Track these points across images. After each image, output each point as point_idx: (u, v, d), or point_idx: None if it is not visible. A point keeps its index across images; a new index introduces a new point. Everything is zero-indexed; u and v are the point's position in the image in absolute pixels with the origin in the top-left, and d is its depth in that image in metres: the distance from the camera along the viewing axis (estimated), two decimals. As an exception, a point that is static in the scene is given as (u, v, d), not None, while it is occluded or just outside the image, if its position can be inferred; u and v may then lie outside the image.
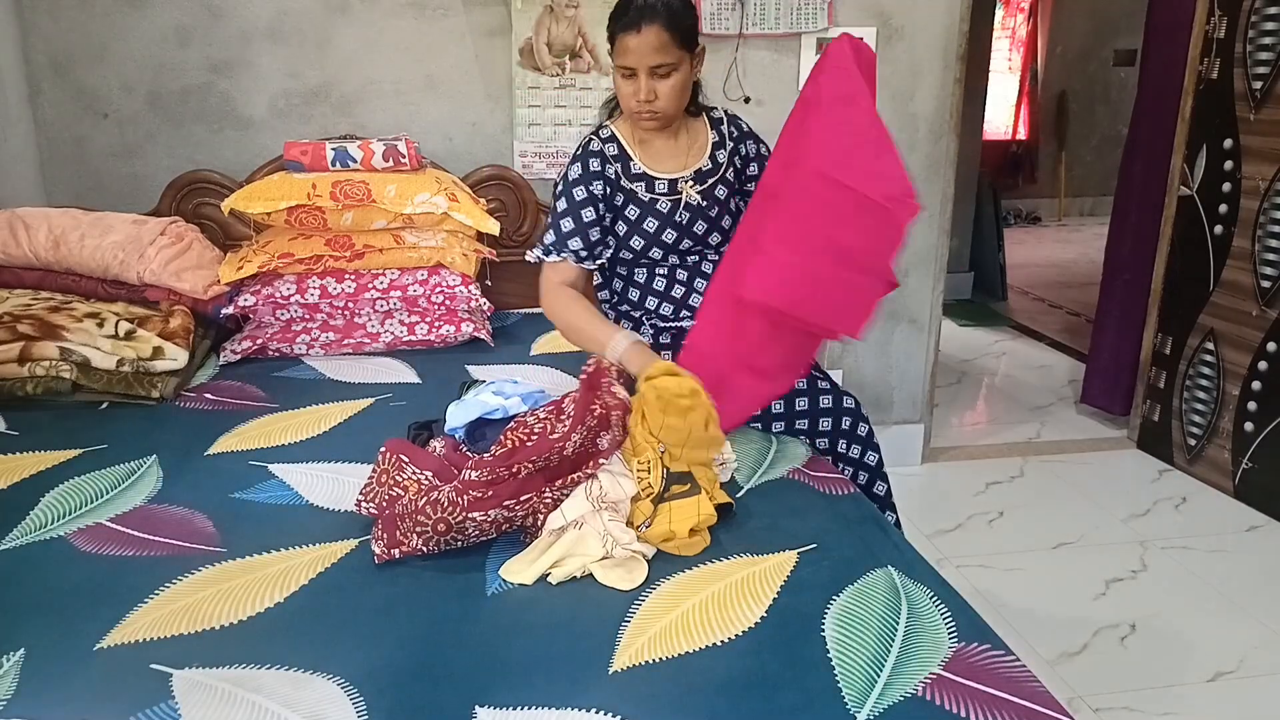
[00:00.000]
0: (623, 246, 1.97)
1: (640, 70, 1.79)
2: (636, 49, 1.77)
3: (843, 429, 1.92)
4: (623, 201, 1.94)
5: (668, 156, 1.96)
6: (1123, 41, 6.57)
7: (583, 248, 1.91)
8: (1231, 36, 2.89)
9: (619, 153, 1.95)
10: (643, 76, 1.80)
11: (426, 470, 1.48)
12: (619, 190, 1.94)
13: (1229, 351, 3.00)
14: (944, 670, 1.14)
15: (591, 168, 1.92)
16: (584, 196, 1.91)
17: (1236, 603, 2.46)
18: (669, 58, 1.78)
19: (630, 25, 1.76)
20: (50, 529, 1.47)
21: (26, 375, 1.91)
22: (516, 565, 1.35)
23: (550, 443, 1.41)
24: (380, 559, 1.37)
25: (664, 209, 1.94)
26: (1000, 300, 5.14)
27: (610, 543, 1.35)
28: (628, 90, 1.83)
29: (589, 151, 1.94)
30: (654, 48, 1.76)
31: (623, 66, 1.81)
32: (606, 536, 1.36)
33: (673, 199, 1.94)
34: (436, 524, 1.35)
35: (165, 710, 1.07)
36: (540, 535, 1.39)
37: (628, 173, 1.94)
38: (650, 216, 1.94)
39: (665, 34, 1.76)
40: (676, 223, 1.94)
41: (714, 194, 1.96)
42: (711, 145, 1.98)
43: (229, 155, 2.65)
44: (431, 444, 1.61)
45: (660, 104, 1.83)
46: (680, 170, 1.95)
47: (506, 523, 1.40)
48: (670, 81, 1.81)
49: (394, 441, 1.55)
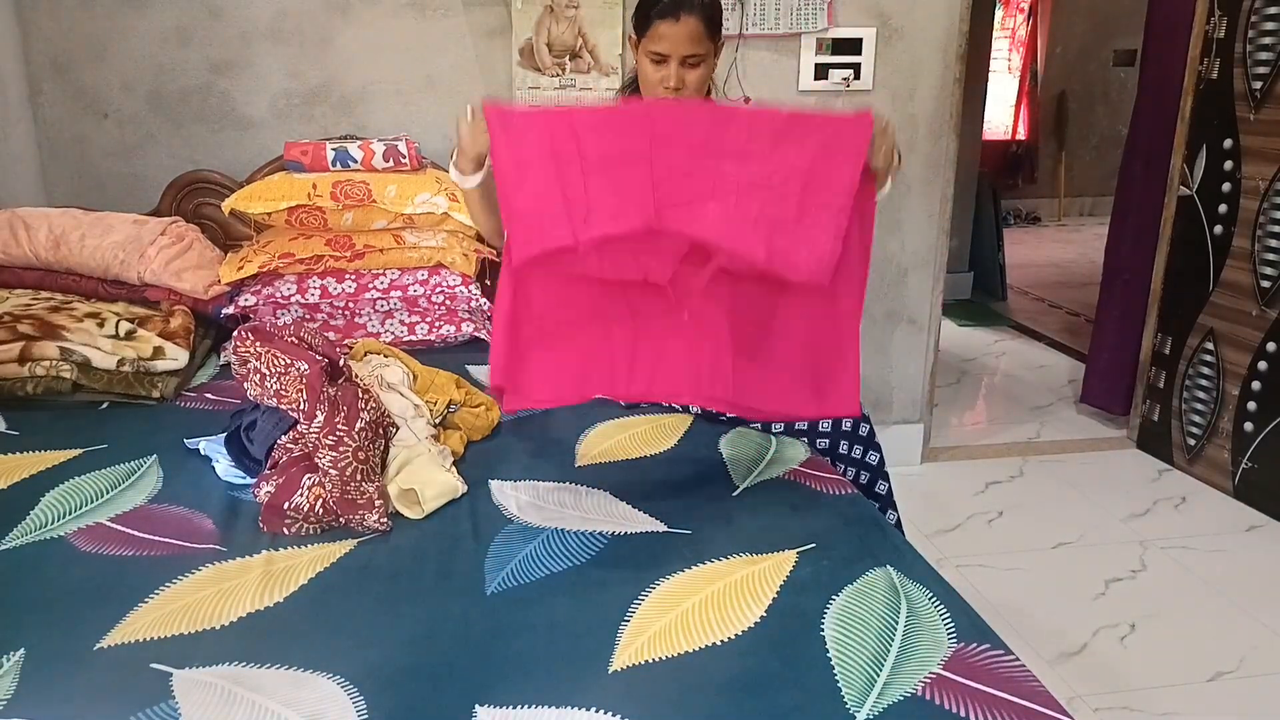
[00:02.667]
0: None
1: (673, 58, 1.80)
2: (673, 37, 1.78)
3: (843, 429, 1.92)
4: None
5: None
6: (1123, 41, 6.57)
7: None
8: (1231, 36, 2.89)
9: None
10: (674, 64, 1.81)
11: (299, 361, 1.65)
12: None
13: (1229, 351, 3.00)
14: (944, 670, 1.14)
15: None
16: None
17: (1236, 603, 2.46)
18: (701, 48, 1.81)
19: (669, 13, 1.77)
20: (50, 529, 1.47)
21: (27, 375, 1.91)
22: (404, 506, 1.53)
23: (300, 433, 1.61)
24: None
25: None
26: (1000, 300, 5.14)
27: (423, 434, 1.66)
28: (656, 77, 1.84)
29: None
30: (690, 37, 1.78)
31: (655, 53, 1.81)
32: (416, 438, 1.66)
33: None
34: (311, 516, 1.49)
35: (165, 710, 1.07)
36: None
37: None
38: None
39: (701, 25, 1.78)
40: None
41: None
42: None
43: (229, 155, 2.65)
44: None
45: (687, 92, 1.85)
46: None
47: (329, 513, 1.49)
48: (699, 71, 1.83)
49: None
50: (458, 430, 1.78)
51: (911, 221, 3.07)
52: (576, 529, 1.48)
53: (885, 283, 3.12)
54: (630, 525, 1.50)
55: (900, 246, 3.10)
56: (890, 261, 3.11)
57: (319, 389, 1.59)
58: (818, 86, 2.87)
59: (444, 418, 1.82)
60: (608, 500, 1.59)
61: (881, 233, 3.07)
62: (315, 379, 1.61)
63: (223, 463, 1.65)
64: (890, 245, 3.09)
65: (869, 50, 2.86)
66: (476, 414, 1.84)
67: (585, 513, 1.54)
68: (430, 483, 1.54)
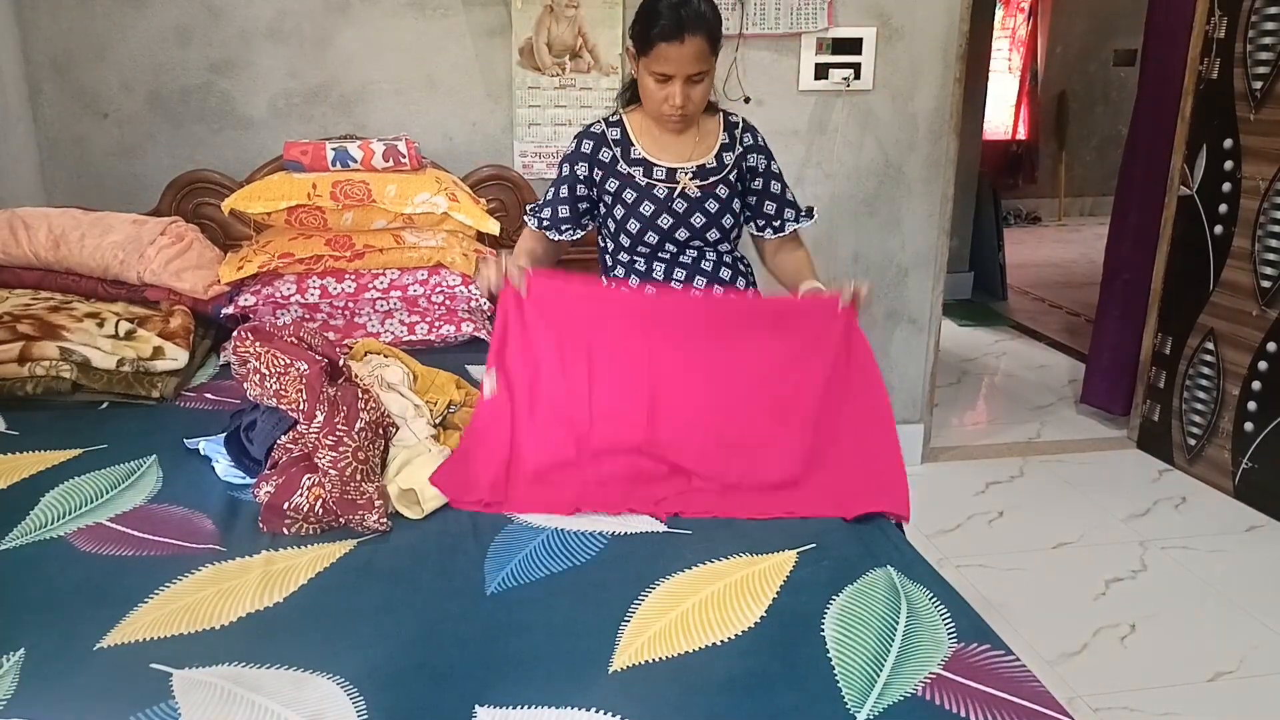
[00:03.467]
0: (620, 230, 1.98)
1: (678, 77, 1.82)
2: (677, 58, 1.79)
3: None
4: (618, 186, 1.96)
5: (672, 147, 1.97)
6: (1123, 41, 6.57)
7: (549, 218, 2.00)
8: (1231, 36, 2.89)
9: (620, 137, 1.97)
10: (679, 83, 1.82)
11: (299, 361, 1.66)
12: (613, 175, 1.96)
13: (1229, 351, 3.00)
14: (944, 670, 1.14)
15: (583, 149, 1.98)
16: (567, 174, 1.99)
17: (1236, 603, 2.46)
18: (705, 65, 1.83)
19: (672, 35, 1.77)
20: (50, 529, 1.47)
21: (26, 375, 1.91)
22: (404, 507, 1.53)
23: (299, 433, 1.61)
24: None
25: (660, 195, 1.95)
26: (1000, 300, 5.14)
27: (423, 434, 1.68)
28: (660, 95, 1.85)
29: (587, 133, 1.99)
30: (694, 57, 1.80)
31: (659, 73, 1.83)
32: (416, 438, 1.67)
33: (670, 186, 1.95)
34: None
35: (165, 710, 1.07)
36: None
37: (627, 157, 1.96)
38: (647, 200, 1.95)
39: (706, 43, 1.80)
40: (674, 210, 1.95)
41: (715, 192, 1.96)
42: (720, 145, 1.98)
43: (229, 155, 2.65)
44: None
45: (691, 108, 1.87)
46: (683, 161, 1.96)
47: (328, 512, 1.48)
48: (702, 87, 1.86)
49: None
50: (458, 430, 1.78)
51: (911, 221, 3.07)
52: (576, 529, 1.48)
53: (885, 283, 3.12)
54: (630, 525, 1.50)
55: (900, 246, 3.10)
56: (890, 261, 3.11)
57: (319, 389, 1.60)
58: (818, 86, 2.87)
59: (444, 418, 1.82)
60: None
61: (882, 233, 3.07)
62: (315, 379, 1.61)
63: (222, 463, 1.65)
64: (890, 245, 3.09)
65: (869, 50, 2.86)
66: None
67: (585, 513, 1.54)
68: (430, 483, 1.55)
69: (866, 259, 3.10)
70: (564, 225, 2.00)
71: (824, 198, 2.99)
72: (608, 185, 1.96)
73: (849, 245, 3.07)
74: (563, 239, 2.02)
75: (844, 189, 3.01)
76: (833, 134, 2.95)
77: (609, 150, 1.96)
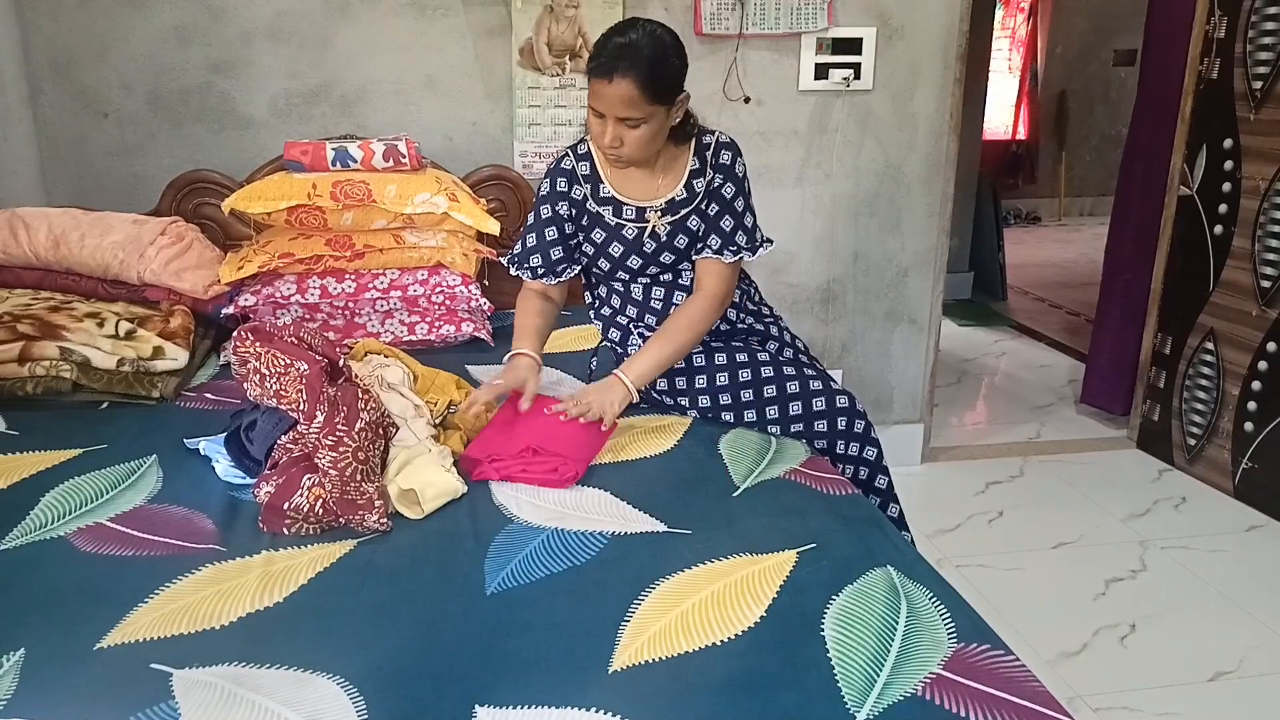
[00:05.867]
0: (593, 265, 1.97)
1: (609, 117, 1.72)
2: (605, 96, 1.70)
3: (839, 429, 1.92)
4: (589, 223, 1.92)
5: (640, 183, 1.89)
6: (1123, 41, 6.57)
7: (541, 265, 1.95)
8: (1231, 36, 2.89)
9: (590, 173, 1.92)
10: (610, 122, 1.73)
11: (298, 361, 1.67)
12: (585, 212, 1.92)
13: (1229, 351, 3.00)
14: (944, 670, 1.14)
15: (558, 187, 1.92)
16: (548, 215, 1.92)
17: (1236, 603, 2.46)
18: (637, 112, 1.71)
19: (602, 72, 1.68)
20: (50, 529, 1.47)
21: (26, 375, 1.91)
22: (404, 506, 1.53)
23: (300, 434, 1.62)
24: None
25: (629, 235, 1.90)
26: (1000, 300, 5.14)
27: (423, 434, 1.69)
28: (595, 129, 1.77)
29: (559, 170, 1.93)
30: (622, 100, 1.69)
31: (593, 107, 1.74)
32: (417, 439, 1.68)
33: (639, 225, 1.90)
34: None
35: (165, 710, 1.07)
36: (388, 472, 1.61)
37: (596, 195, 1.91)
38: (616, 241, 1.91)
39: (635, 90, 1.68)
40: (644, 251, 1.90)
41: (685, 224, 1.89)
42: (689, 173, 1.89)
43: (229, 155, 2.65)
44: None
45: (626, 151, 1.77)
46: (651, 198, 1.89)
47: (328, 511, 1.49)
48: (638, 132, 1.74)
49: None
50: (458, 430, 1.78)
51: (911, 221, 3.07)
52: (576, 529, 1.48)
53: (885, 283, 3.12)
54: (630, 525, 1.50)
55: (900, 246, 3.10)
56: (890, 261, 3.11)
57: (319, 389, 1.60)
58: (818, 86, 2.87)
59: (444, 418, 1.83)
60: (608, 500, 1.58)
61: (882, 232, 3.07)
62: (315, 379, 1.61)
63: (223, 463, 1.65)
64: (890, 245, 3.09)
65: (869, 50, 2.86)
66: (476, 414, 1.84)
67: (585, 513, 1.54)
68: (430, 483, 1.54)
69: (866, 259, 3.10)
70: (560, 266, 1.95)
71: (824, 198, 3.00)
72: (582, 221, 1.93)
73: (849, 245, 3.07)
74: (564, 280, 1.97)
75: (844, 189, 3.01)
76: (833, 134, 2.95)
77: (580, 188, 1.91)
